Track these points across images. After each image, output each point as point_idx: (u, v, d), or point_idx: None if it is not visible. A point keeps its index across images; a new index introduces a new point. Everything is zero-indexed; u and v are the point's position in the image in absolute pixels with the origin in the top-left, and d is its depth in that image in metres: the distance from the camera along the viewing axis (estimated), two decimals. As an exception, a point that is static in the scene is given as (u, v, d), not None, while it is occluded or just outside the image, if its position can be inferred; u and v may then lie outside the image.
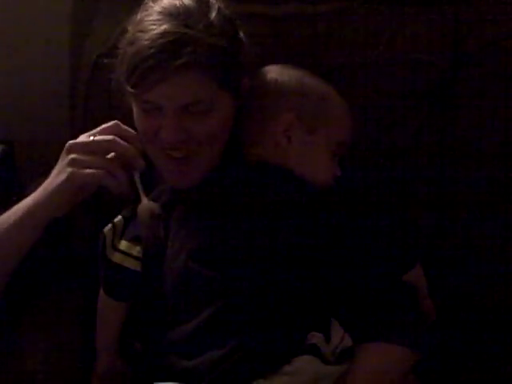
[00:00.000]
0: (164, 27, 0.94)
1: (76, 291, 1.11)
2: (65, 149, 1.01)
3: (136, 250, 1.02)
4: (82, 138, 1.02)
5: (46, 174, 1.09)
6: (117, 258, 1.02)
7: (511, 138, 1.19)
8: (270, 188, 1.00)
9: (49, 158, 1.19)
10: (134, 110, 1.01)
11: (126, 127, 1.02)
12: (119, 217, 1.05)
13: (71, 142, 1.01)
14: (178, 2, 0.98)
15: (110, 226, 1.03)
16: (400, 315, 1.01)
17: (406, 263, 1.02)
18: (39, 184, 1.08)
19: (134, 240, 1.02)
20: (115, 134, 1.00)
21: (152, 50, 0.93)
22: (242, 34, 1.03)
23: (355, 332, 0.98)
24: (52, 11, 1.43)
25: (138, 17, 0.99)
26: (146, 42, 0.94)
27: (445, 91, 1.21)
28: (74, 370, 1.04)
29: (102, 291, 1.04)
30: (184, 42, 0.93)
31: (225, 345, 0.90)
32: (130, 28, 0.99)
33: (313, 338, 0.93)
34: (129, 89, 0.97)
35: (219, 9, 0.99)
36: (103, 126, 1.02)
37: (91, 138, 1.01)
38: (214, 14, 0.98)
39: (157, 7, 0.98)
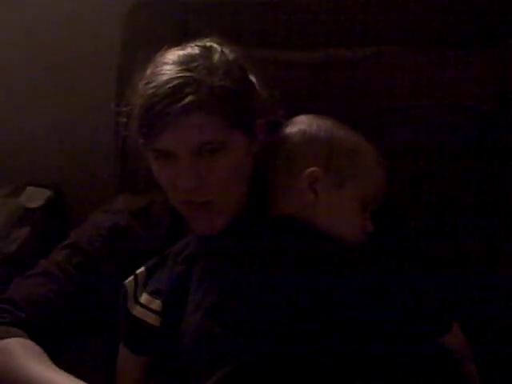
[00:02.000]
0: (168, 74, 0.96)
1: (100, 342, 1.10)
2: None
3: (156, 304, 1.01)
4: None
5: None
6: (137, 311, 1.01)
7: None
8: (294, 245, 0.97)
9: (97, 202, 1.23)
10: (152, 165, 1.01)
11: None
12: (142, 268, 1.04)
13: None
14: (181, 52, 1.00)
15: (132, 277, 1.03)
16: (432, 380, 0.96)
17: (440, 327, 0.97)
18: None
19: (155, 293, 1.01)
20: None
21: (157, 98, 0.95)
22: (252, 78, 1.03)
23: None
24: (99, 74, 1.49)
25: (148, 71, 1.00)
26: (151, 91, 0.96)
27: (490, 138, 1.16)
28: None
29: (122, 343, 1.03)
30: (185, 85, 0.95)
31: None
32: (139, 83, 1.00)
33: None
34: (141, 140, 0.98)
35: (222, 52, 1.00)
36: None
37: None
38: (216, 57, 0.99)
39: (163, 59, 0.99)
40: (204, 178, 0.98)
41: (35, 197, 1.48)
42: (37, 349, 1.00)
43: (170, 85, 0.95)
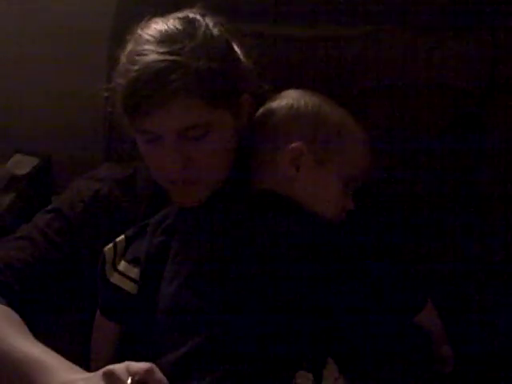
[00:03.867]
0: (150, 57, 0.93)
1: (78, 309, 1.10)
2: (102, 372, 0.85)
3: (134, 272, 1.00)
4: (121, 369, 0.85)
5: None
6: (115, 278, 1.01)
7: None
8: (273, 219, 0.97)
9: (84, 172, 1.23)
10: (138, 142, 1.01)
11: (159, 376, 0.86)
12: (122, 236, 1.04)
13: (110, 368, 0.85)
14: (164, 28, 0.97)
15: (111, 245, 1.03)
16: (405, 361, 0.96)
17: (413, 306, 0.97)
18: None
19: (134, 261, 1.01)
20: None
21: (140, 82, 0.93)
22: (237, 50, 1.01)
23: (353, 375, 0.94)
24: (92, 44, 1.48)
25: (128, 47, 0.99)
26: (134, 74, 0.94)
27: (476, 118, 1.16)
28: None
29: (98, 310, 1.03)
30: (170, 69, 0.92)
31: (205, 377, 0.87)
32: (121, 59, 0.99)
33: (299, 377, 0.88)
34: (126, 120, 0.98)
35: (206, 28, 0.97)
36: (140, 366, 0.85)
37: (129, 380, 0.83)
38: (200, 36, 0.96)
39: (144, 35, 0.97)
40: (191, 159, 0.97)
41: (22, 164, 1.48)
42: (15, 317, 0.98)
43: (154, 69, 0.93)
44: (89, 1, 1.51)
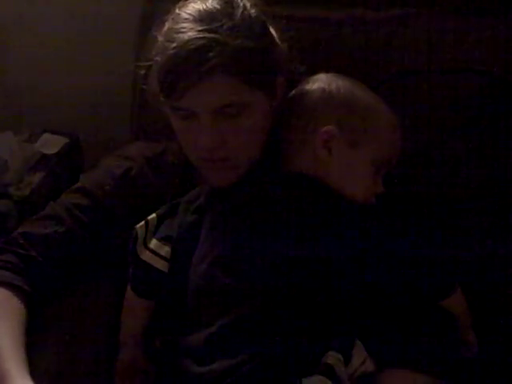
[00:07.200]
0: (189, 34, 0.94)
1: (107, 283, 1.12)
2: None
3: (165, 250, 1.02)
4: None
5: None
6: (146, 256, 1.02)
7: None
8: (304, 201, 0.98)
9: (112, 151, 1.24)
10: (171, 120, 1.02)
11: None
12: (153, 214, 1.05)
13: None
14: (202, 7, 0.98)
15: (142, 222, 1.04)
16: (431, 343, 0.97)
17: (444, 289, 0.98)
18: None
19: (165, 240, 1.02)
20: None
21: (179, 59, 0.94)
22: (273, 32, 1.02)
23: (380, 356, 0.95)
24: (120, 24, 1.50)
25: (166, 25, 0.99)
26: (172, 51, 0.95)
27: (505, 106, 1.16)
28: (96, 361, 1.04)
29: (129, 286, 1.05)
30: (208, 47, 0.93)
31: (237, 355, 0.89)
32: (159, 37, 0.99)
33: (329, 357, 0.89)
34: (162, 98, 0.98)
35: (244, 9, 0.98)
36: None
37: None
38: (238, 15, 0.97)
39: (183, 14, 0.98)
40: (225, 138, 0.98)
41: (51, 143, 1.50)
42: (9, 308, 0.99)
43: (193, 46, 0.94)
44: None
